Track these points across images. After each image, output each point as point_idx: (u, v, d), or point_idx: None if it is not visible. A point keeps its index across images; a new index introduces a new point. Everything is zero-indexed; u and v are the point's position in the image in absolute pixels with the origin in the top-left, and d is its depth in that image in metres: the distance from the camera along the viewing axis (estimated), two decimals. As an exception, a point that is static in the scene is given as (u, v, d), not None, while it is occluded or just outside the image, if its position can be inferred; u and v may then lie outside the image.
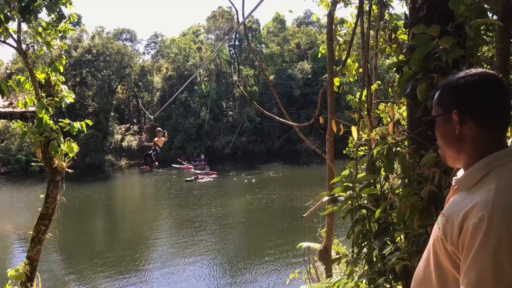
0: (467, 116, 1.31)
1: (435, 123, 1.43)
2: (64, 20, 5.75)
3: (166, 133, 14.48)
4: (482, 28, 2.44)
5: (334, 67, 6.06)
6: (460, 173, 1.44)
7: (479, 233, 1.16)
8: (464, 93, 1.33)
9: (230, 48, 52.50)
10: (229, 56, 54.12)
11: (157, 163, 15.46)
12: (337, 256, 6.58)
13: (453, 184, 1.45)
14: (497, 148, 1.31)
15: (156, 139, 15.58)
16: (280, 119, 5.60)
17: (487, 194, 1.22)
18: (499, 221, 1.15)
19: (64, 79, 5.83)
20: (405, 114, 4.60)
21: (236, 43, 51.62)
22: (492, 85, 1.31)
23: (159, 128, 14.27)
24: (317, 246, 6.88)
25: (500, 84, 1.32)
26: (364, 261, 3.04)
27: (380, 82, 6.09)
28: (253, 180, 34.54)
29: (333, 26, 6.14)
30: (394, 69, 2.95)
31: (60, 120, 5.53)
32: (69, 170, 5.62)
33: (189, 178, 36.13)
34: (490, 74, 1.33)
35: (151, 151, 15.34)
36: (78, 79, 47.60)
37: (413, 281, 1.52)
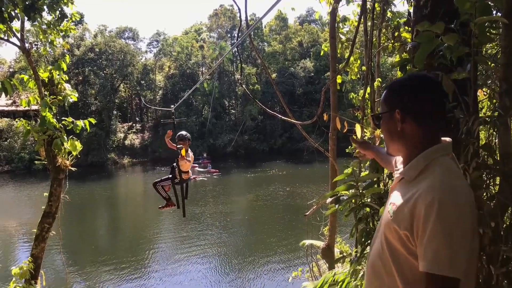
0: (407, 115, 1.49)
1: (383, 122, 1.60)
2: (66, 19, 5.75)
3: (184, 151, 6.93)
4: (486, 25, 2.43)
5: (336, 65, 6.05)
6: (401, 166, 1.66)
7: (431, 215, 1.31)
8: (406, 95, 1.50)
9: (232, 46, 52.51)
10: (231, 55, 54.12)
11: (175, 204, 7.79)
12: (340, 254, 6.58)
13: (397, 175, 1.66)
14: (433, 144, 1.50)
15: (179, 158, 6.74)
16: (283, 117, 5.60)
17: (432, 180, 1.39)
18: (447, 201, 1.31)
19: (67, 78, 5.83)
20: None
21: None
22: (431, 89, 1.49)
23: (183, 133, 6.80)
24: (319, 244, 6.88)
25: (438, 89, 1.51)
26: (367, 259, 3.04)
27: (380, 80, 6.08)
28: (256, 178, 34.55)
29: (336, 24, 6.12)
30: (398, 67, 2.94)
31: (63, 118, 5.53)
32: (72, 169, 5.63)
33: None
34: (430, 79, 1.51)
35: (166, 180, 7.65)
36: (80, 78, 47.66)
37: (369, 265, 1.63)
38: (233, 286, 14.14)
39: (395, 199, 1.51)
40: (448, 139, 1.58)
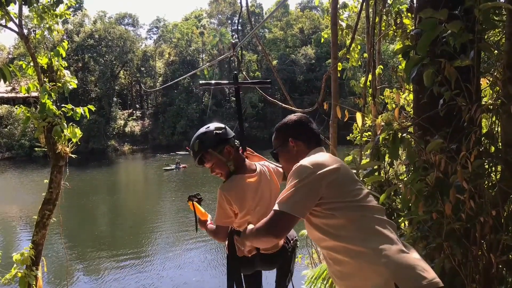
0: (297, 140, 2.14)
1: (280, 153, 2.22)
2: (62, 4, 5.66)
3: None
4: (490, 11, 2.39)
5: (337, 52, 5.98)
6: None
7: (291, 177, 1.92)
8: (291, 128, 2.18)
9: (233, 33, 52.12)
10: (231, 42, 53.71)
11: None
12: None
13: None
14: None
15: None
16: (283, 104, 5.56)
17: None
18: (303, 167, 1.89)
19: (66, 64, 5.78)
20: (409, 99, 4.56)
21: (239, 27, 51.18)
22: (305, 123, 2.18)
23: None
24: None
25: (308, 122, 2.20)
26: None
27: (382, 67, 6.03)
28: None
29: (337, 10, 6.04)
30: (400, 54, 2.91)
31: (63, 105, 5.49)
32: (73, 155, 5.61)
33: (168, 167, 34.35)
34: (303, 117, 2.21)
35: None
36: (80, 65, 47.46)
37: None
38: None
39: None
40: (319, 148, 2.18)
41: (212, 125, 2.66)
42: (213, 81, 3.20)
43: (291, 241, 2.83)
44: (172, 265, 14.72)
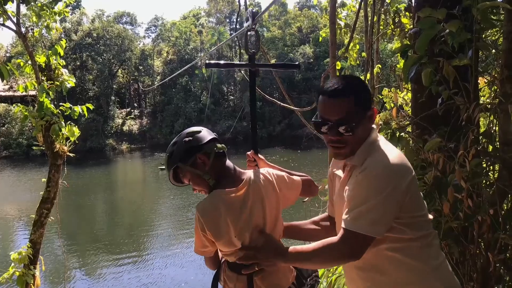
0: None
1: (356, 128, 1.66)
2: (61, 2, 5.66)
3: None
4: (488, 11, 2.39)
5: (336, 51, 5.99)
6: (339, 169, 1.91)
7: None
8: (368, 92, 1.69)
9: (231, 32, 52.05)
10: (230, 40, 53.70)
11: None
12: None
13: (341, 172, 1.85)
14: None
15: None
16: (282, 103, 5.57)
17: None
18: (389, 171, 1.56)
19: (64, 63, 5.76)
20: (408, 98, 4.57)
21: (237, 26, 51.15)
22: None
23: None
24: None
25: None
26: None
27: (380, 66, 6.04)
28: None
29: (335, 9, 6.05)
30: (398, 53, 2.92)
31: (60, 104, 5.48)
32: (71, 154, 5.60)
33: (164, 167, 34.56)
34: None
35: None
36: (78, 63, 47.32)
37: None
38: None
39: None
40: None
41: (184, 132, 2.14)
42: (222, 62, 2.57)
43: (308, 279, 2.10)
44: (170, 263, 14.71)
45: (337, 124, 1.60)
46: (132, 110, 53.57)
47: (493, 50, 2.71)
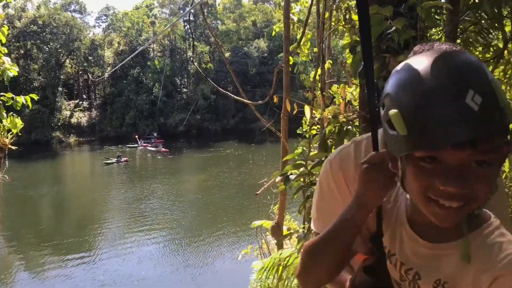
0: None
1: None
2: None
3: None
4: (432, 10, 2.50)
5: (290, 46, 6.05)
6: None
7: None
8: None
9: (185, 24, 51.27)
10: (183, 32, 52.91)
11: None
12: (288, 231, 6.72)
13: None
14: None
15: None
16: (235, 97, 5.58)
17: None
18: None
19: (6, 51, 5.47)
20: (356, 93, 4.70)
21: (191, 18, 50.46)
22: None
23: None
24: (269, 223, 6.99)
25: None
26: (314, 236, 3.13)
27: (332, 62, 6.17)
28: (208, 158, 34.40)
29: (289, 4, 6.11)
30: (347, 49, 2.99)
31: (2, 94, 5.21)
32: (13, 147, 5.34)
33: (109, 161, 33.47)
34: None
35: None
36: (22, 52, 45.02)
37: None
38: (183, 265, 14.16)
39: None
40: None
41: None
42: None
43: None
44: (120, 258, 14.40)
45: None
46: (81, 102, 51.71)
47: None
